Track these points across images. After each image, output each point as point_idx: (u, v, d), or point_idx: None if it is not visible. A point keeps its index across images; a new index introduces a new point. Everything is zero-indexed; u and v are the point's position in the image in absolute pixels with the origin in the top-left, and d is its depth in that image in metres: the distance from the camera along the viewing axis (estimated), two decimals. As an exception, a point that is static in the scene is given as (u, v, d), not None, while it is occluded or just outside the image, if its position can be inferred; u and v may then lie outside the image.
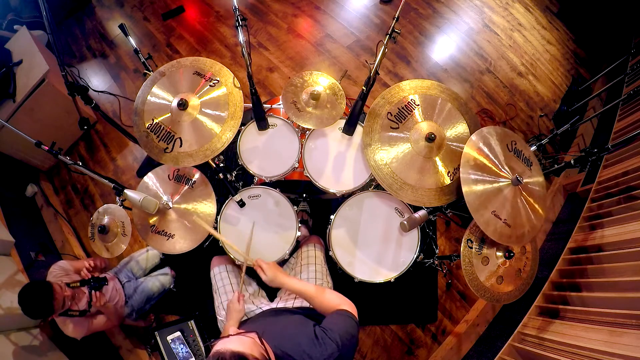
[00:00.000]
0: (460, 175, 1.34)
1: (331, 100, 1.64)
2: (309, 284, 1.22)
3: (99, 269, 1.91)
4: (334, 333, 0.95)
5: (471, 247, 1.49)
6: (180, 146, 1.49)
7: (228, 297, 1.54)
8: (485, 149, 1.40)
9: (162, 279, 2.10)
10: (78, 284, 1.59)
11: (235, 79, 1.55)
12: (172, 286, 2.15)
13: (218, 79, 1.55)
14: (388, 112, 1.51)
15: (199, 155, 1.47)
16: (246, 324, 1.24)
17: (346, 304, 1.10)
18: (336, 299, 1.13)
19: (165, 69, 1.61)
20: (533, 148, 1.62)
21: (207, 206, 1.64)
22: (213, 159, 1.61)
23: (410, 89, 1.56)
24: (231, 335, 0.87)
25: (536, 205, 1.42)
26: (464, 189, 1.32)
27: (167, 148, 1.49)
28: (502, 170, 1.40)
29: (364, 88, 1.48)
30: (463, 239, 1.49)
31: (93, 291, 1.62)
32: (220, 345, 0.82)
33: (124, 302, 1.91)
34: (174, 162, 1.48)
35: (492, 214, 1.34)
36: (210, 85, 1.55)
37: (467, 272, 1.46)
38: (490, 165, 1.39)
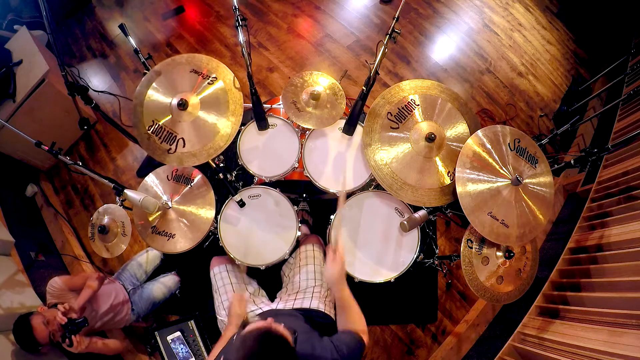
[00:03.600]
0: (456, 174, 1.34)
1: (331, 100, 1.64)
2: (354, 302, 1.20)
3: (76, 310, 1.57)
4: (342, 345, 0.99)
5: (471, 247, 1.49)
6: (184, 146, 1.49)
7: (228, 296, 1.54)
8: (489, 146, 1.40)
9: (168, 284, 2.10)
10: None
11: (236, 79, 1.55)
12: (177, 292, 2.15)
13: (215, 76, 1.55)
14: (388, 112, 1.51)
15: (202, 154, 1.47)
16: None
17: (364, 333, 1.13)
18: (359, 323, 1.16)
19: (160, 67, 1.59)
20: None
21: (206, 206, 1.64)
22: (213, 159, 1.61)
23: (410, 89, 1.56)
24: (271, 320, 0.90)
25: (535, 207, 1.41)
26: (458, 189, 1.32)
27: (170, 149, 1.49)
28: (503, 169, 1.40)
29: (364, 88, 1.48)
30: (463, 239, 1.49)
31: (72, 336, 1.46)
32: (268, 323, 0.86)
33: (130, 309, 1.91)
34: (178, 162, 1.49)
35: (489, 215, 1.34)
36: (208, 83, 1.55)
37: (467, 272, 1.46)
38: (492, 162, 1.39)
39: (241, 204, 1.66)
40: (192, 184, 1.67)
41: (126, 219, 1.73)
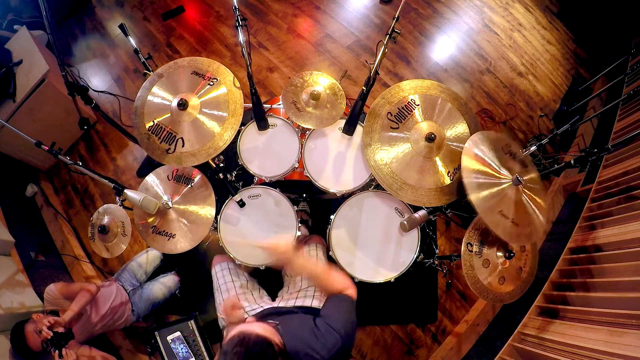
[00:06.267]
0: (466, 180, 1.32)
1: (331, 100, 1.64)
2: (316, 263, 1.17)
3: (62, 324, 1.54)
4: (337, 323, 0.96)
5: (471, 251, 1.49)
6: (183, 146, 1.49)
7: (230, 294, 1.54)
8: (480, 154, 1.40)
9: (168, 284, 2.10)
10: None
11: (235, 79, 1.55)
12: (177, 292, 2.15)
13: (217, 77, 1.56)
14: (388, 112, 1.51)
15: (201, 154, 1.47)
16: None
17: (351, 288, 1.10)
18: (342, 281, 1.13)
19: (163, 70, 1.60)
20: (533, 148, 1.62)
21: (206, 206, 1.64)
22: (213, 159, 1.61)
23: (410, 89, 1.56)
24: (249, 320, 0.86)
25: (539, 200, 1.41)
26: (472, 196, 1.30)
27: (169, 149, 1.49)
28: (501, 172, 1.40)
29: (364, 88, 1.48)
30: (463, 243, 1.49)
31: (58, 351, 1.42)
32: (245, 327, 0.81)
33: (130, 310, 1.92)
34: (177, 162, 1.48)
35: (499, 213, 1.33)
36: (209, 85, 1.55)
37: (468, 275, 1.46)
38: (488, 170, 1.39)
39: (241, 204, 1.66)
40: (192, 184, 1.67)
41: (126, 219, 1.73)
